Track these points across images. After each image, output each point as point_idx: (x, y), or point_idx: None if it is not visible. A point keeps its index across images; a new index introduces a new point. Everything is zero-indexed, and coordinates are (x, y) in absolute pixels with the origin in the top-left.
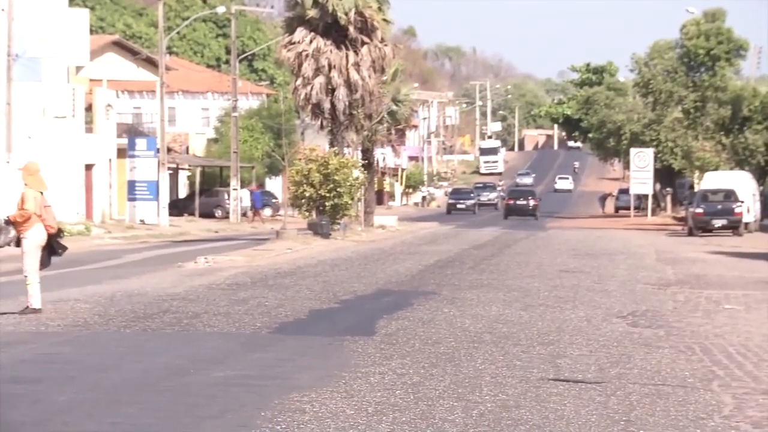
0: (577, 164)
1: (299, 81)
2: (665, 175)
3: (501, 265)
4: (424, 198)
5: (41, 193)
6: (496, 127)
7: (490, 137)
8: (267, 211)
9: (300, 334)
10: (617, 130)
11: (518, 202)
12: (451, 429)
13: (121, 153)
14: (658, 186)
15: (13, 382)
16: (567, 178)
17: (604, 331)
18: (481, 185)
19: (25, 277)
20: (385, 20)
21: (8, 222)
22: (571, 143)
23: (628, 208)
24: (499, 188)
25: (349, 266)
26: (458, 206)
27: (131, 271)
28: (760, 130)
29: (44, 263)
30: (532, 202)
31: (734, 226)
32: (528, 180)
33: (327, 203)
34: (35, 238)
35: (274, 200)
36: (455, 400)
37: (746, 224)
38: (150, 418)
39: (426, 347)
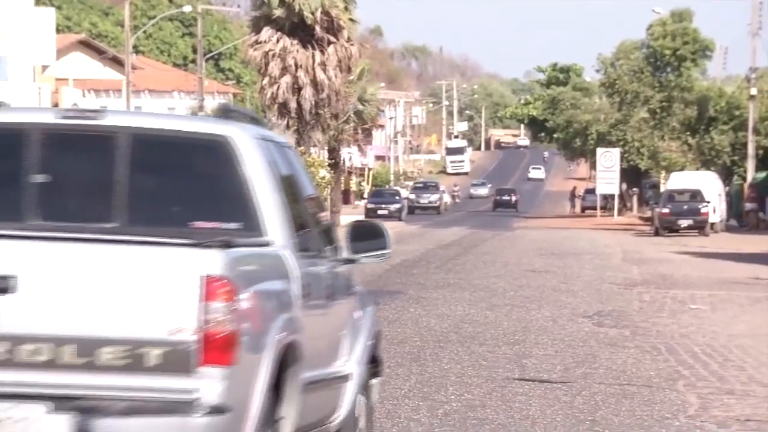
0: (546, 154)
1: (266, 80)
2: (632, 175)
3: (467, 264)
4: None
5: None
6: (462, 126)
7: (456, 137)
8: None
9: None
10: (583, 130)
11: (503, 198)
12: (417, 428)
13: None
14: (624, 186)
15: None
16: (540, 168)
17: (569, 331)
18: (420, 185)
19: None
20: (351, 20)
21: None
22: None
23: (595, 208)
24: (443, 189)
25: None
26: (379, 212)
27: None
28: (726, 131)
29: None
30: (514, 198)
31: (700, 227)
32: (483, 191)
33: None
34: None
35: None
36: (421, 399)
37: (712, 224)
38: None
39: (391, 347)
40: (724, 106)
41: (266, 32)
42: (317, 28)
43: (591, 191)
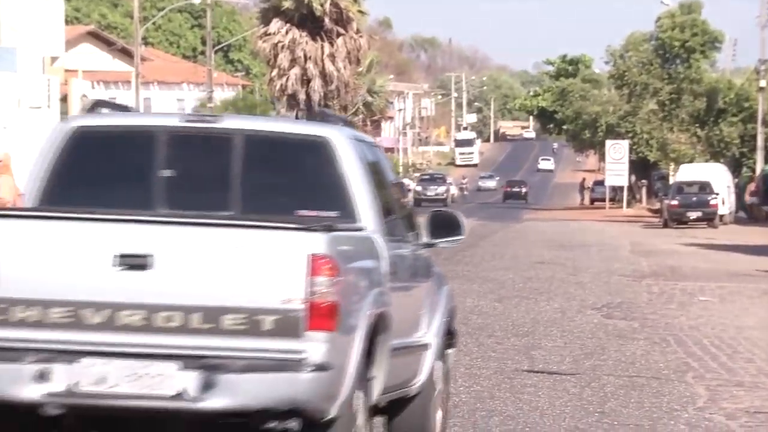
0: (555, 145)
1: (275, 72)
2: (641, 167)
3: (476, 256)
4: None
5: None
6: (471, 118)
7: (465, 129)
8: None
9: None
10: (593, 121)
11: (514, 189)
12: None
13: None
14: (633, 178)
15: None
16: (549, 159)
17: (578, 323)
18: (427, 177)
19: None
20: (360, 11)
21: None
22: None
23: (604, 200)
24: (450, 181)
25: None
26: None
27: None
28: (735, 123)
29: None
30: (524, 189)
31: (709, 218)
32: (492, 183)
33: None
34: None
35: None
36: None
37: (721, 216)
38: None
39: None
40: (734, 98)
41: (275, 24)
42: (326, 20)
43: (600, 183)
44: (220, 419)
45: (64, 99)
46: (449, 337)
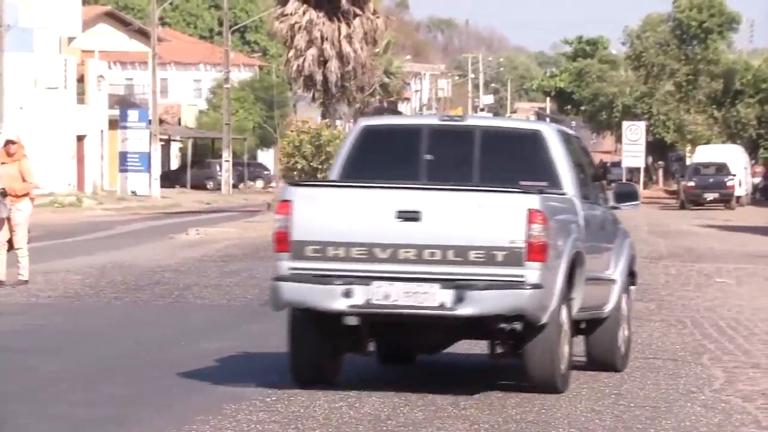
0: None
1: (291, 53)
2: (657, 148)
3: None
4: None
5: None
6: (488, 99)
7: (482, 110)
8: (259, 183)
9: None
10: (609, 102)
11: None
12: (442, 402)
13: (113, 124)
14: (650, 159)
15: (2, 352)
16: None
17: None
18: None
19: (19, 249)
20: None
21: (3, 194)
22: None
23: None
24: None
25: None
26: None
27: (122, 243)
28: (752, 104)
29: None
30: None
31: (726, 200)
32: None
33: (319, 175)
34: (27, 210)
35: (266, 172)
36: (446, 376)
37: (738, 198)
38: (138, 389)
39: None
40: (751, 79)
41: (292, 4)
42: (343, 1)
43: (616, 164)
44: (468, 322)
45: (80, 79)
46: (631, 276)
